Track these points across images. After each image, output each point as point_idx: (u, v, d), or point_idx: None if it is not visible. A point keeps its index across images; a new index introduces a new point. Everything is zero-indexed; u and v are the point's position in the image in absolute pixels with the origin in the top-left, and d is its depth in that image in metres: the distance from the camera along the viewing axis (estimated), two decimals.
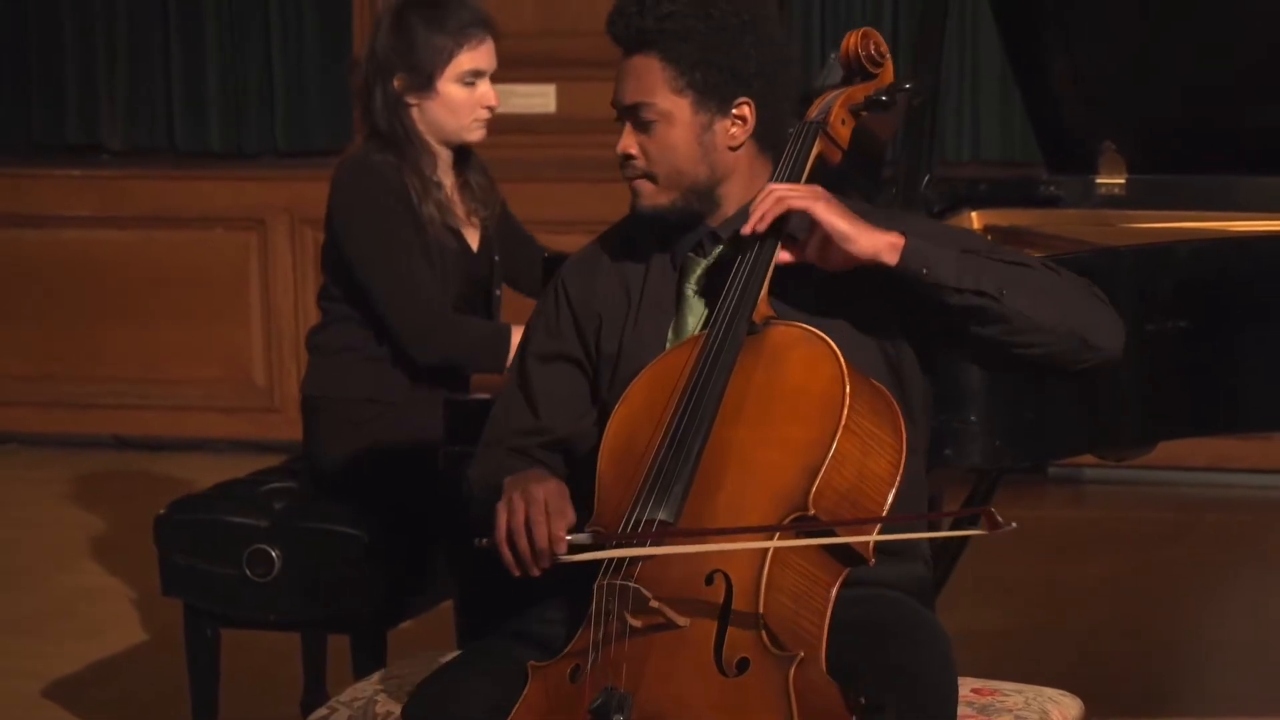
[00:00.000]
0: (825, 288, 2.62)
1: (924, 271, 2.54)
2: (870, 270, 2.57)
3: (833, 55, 3.50)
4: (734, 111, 2.66)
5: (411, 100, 3.64)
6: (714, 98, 2.64)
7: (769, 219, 2.57)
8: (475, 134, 3.70)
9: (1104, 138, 3.95)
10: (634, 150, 2.65)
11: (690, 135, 2.65)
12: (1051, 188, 3.98)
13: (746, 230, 2.58)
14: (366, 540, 3.55)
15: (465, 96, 3.65)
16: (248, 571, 3.59)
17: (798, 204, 2.56)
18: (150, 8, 6.49)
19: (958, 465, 3.14)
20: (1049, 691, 2.77)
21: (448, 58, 3.63)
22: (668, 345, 2.68)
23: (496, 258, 3.76)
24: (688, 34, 2.61)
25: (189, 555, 3.65)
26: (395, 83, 3.63)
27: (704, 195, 2.68)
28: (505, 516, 2.51)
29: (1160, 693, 4.29)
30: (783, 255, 2.60)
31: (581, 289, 2.78)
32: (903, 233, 2.56)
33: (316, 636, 3.96)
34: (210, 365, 6.37)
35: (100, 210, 6.42)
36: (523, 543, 2.49)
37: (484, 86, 3.67)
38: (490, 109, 3.69)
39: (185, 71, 6.50)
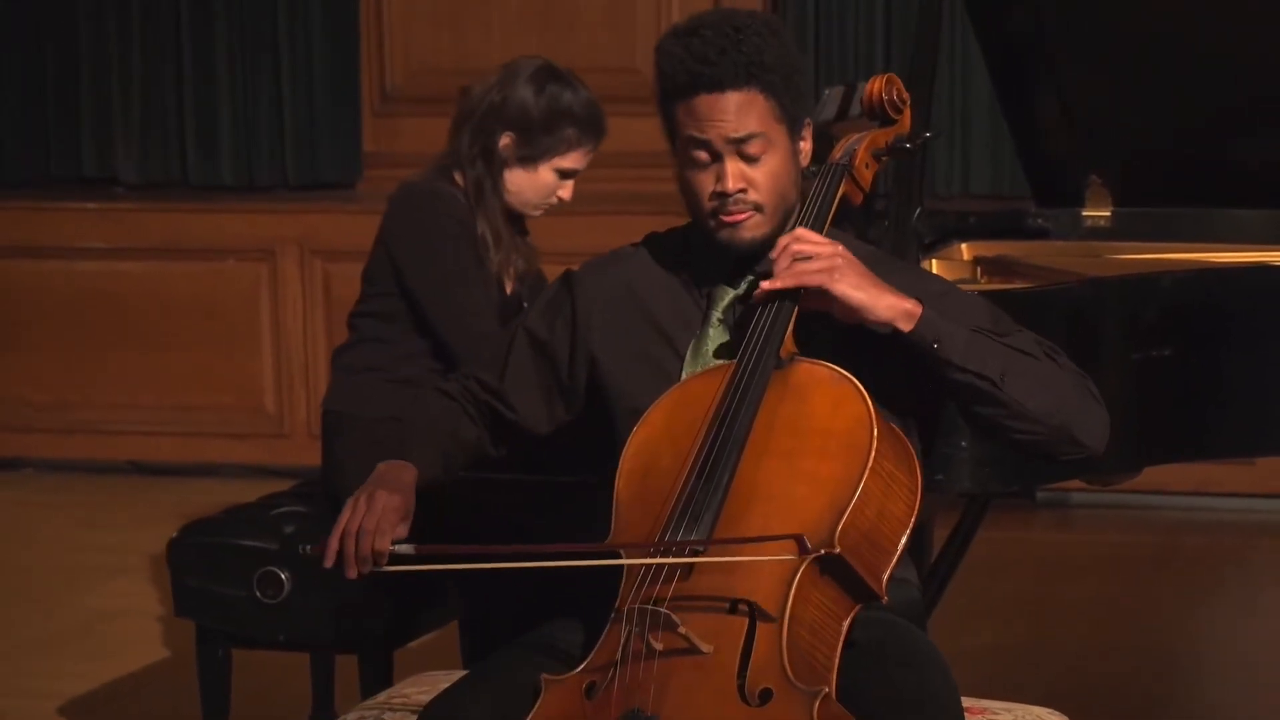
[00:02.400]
0: (842, 332, 2.61)
1: (935, 345, 2.54)
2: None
3: (826, 91, 3.52)
4: (803, 133, 2.68)
5: (510, 164, 3.61)
6: (796, 121, 2.65)
7: (784, 285, 2.55)
8: (535, 213, 3.70)
9: (1090, 172, 3.95)
10: (744, 184, 2.62)
11: (789, 161, 2.64)
12: (1039, 220, 3.98)
13: (762, 290, 2.57)
14: None
15: (551, 184, 3.64)
16: (258, 593, 3.58)
17: (813, 281, 2.54)
18: (164, 46, 6.51)
19: (949, 490, 3.14)
20: (1037, 710, 2.77)
21: (566, 149, 3.61)
22: (684, 368, 2.67)
23: (525, 304, 3.76)
24: (775, 64, 2.61)
25: (201, 577, 3.65)
26: (503, 139, 3.59)
27: (787, 219, 2.67)
28: (346, 517, 2.60)
29: (1146, 710, 4.28)
30: (805, 303, 2.59)
31: (588, 296, 2.77)
32: (920, 301, 2.55)
33: (325, 656, 3.96)
34: (222, 392, 6.37)
35: (115, 242, 6.43)
36: (349, 546, 2.58)
37: (569, 183, 3.67)
38: (560, 200, 3.69)
39: (198, 107, 6.51)
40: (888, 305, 2.54)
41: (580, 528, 2.64)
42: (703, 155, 2.62)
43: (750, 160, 2.61)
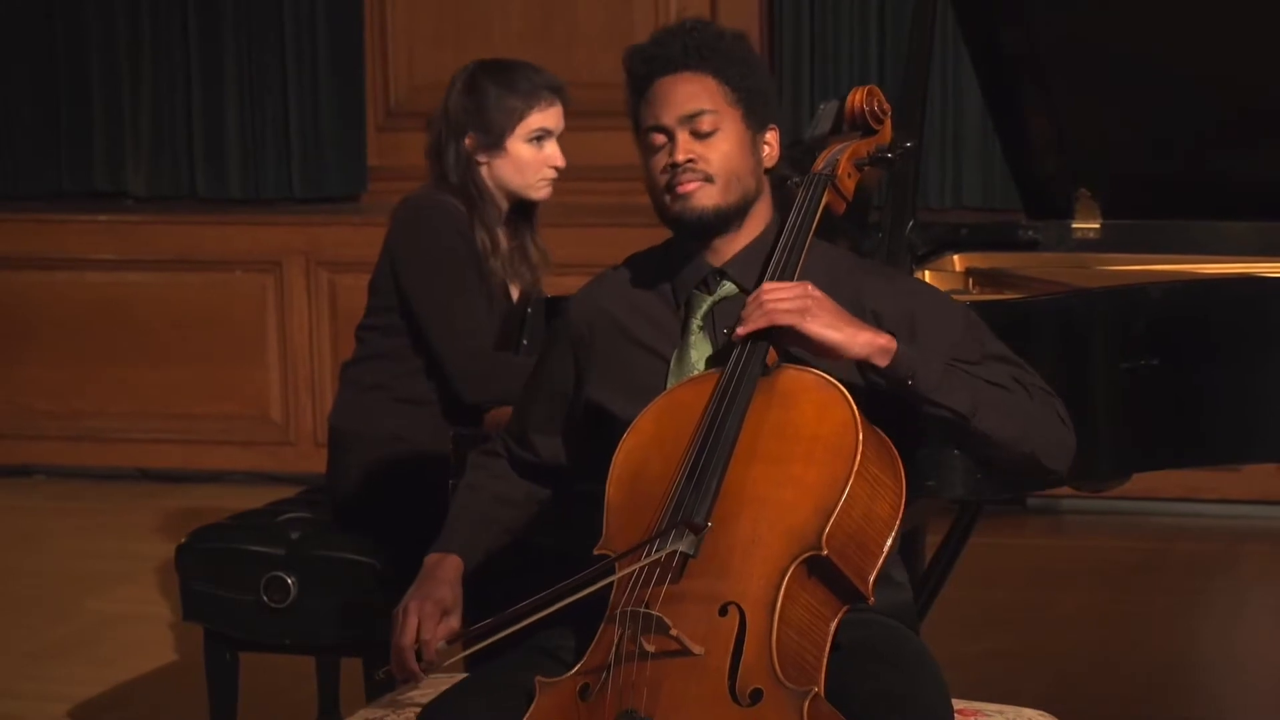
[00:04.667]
0: None
1: (908, 381, 2.54)
2: None
3: (822, 106, 3.52)
4: (767, 135, 2.69)
5: (481, 159, 3.62)
6: (755, 116, 2.67)
7: (757, 327, 2.54)
8: (541, 192, 3.68)
9: (1079, 185, 3.96)
10: (693, 155, 2.63)
11: (744, 144, 2.66)
12: (1030, 232, 3.99)
13: (737, 335, 2.56)
14: (379, 568, 3.55)
15: (532, 155, 3.63)
16: (265, 598, 3.59)
17: (785, 321, 2.53)
18: (172, 63, 6.52)
19: (941, 496, 3.14)
20: (1028, 712, 2.77)
21: (518, 118, 3.61)
22: (669, 377, 2.68)
23: (530, 310, 3.76)
24: (733, 59, 2.65)
25: (209, 582, 3.65)
26: (467, 141, 3.61)
27: (745, 209, 2.68)
28: (395, 633, 2.66)
29: (1136, 714, 4.28)
30: (782, 341, 2.57)
31: (577, 323, 2.79)
32: (893, 335, 2.55)
33: (330, 659, 3.96)
34: (229, 401, 6.38)
35: (125, 253, 6.44)
36: (403, 663, 2.65)
37: (551, 147, 3.65)
38: (556, 169, 3.67)
39: (206, 122, 6.53)
40: (862, 343, 2.53)
41: (583, 536, 2.65)
42: (659, 139, 2.65)
43: (701, 135, 2.63)
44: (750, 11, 6.15)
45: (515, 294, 3.72)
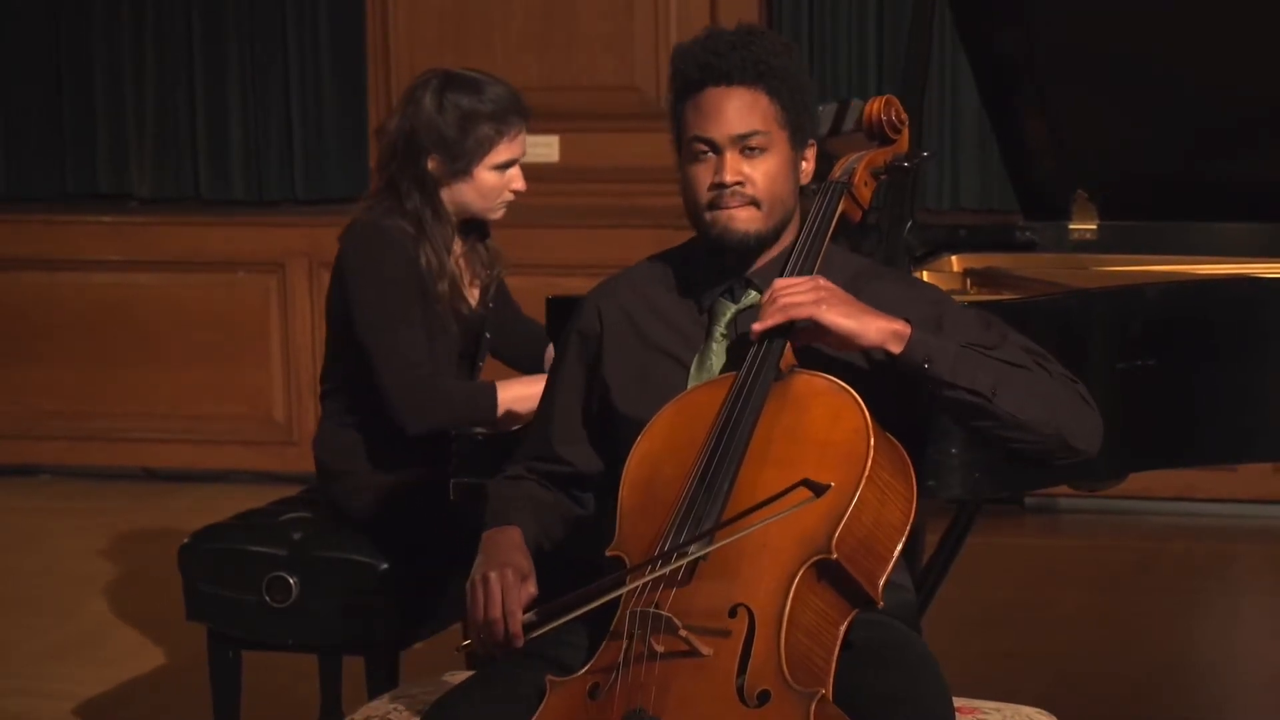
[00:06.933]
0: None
1: (925, 366, 2.53)
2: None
3: (820, 108, 3.52)
4: (806, 153, 2.68)
5: (444, 180, 3.52)
6: (800, 136, 2.66)
7: (774, 323, 2.54)
8: (498, 214, 3.59)
9: (1076, 187, 3.96)
10: (741, 177, 2.62)
11: (788, 166, 2.65)
12: (1027, 233, 3.98)
13: (755, 331, 2.55)
14: (380, 568, 3.55)
15: (496, 181, 3.54)
16: (267, 598, 3.58)
17: (802, 314, 2.53)
18: (176, 65, 6.52)
19: (940, 495, 3.14)
20: (1027, 710, 2.77)
21: (488, 148, 3.50)
22: (689, 382, 2.67)
23: (491, 304, 3.70)
24: (784, 74, 2.63)
25: (212, 582, 3.65)
26: (429, 163, 3.50)
27: (782, 228, 2.68)
28: (476, 609, 2.54)
29: (1135, 712, 4.28)
30: (796, 339, 2.57)
31: (593, 320, 2.77)
32: (909, 320, 2.55)
33: (332, 658, 3.96)
34: (233, 401, 6.37)
35: (130, 255, 6.43)
36: (488, 638, 2.54)
37: (514, 171, 3.55)
38: (515, 192, 3.57)
39: (209, 124, 6.52)
40: (877, 329, 2.53)
41: (593, 536, 2.64)
42: (705, 151, 2.62)
43: (750, 154, 2.61)
44: (749, 12, 6.14)
45: (475, 297, 3.64)
